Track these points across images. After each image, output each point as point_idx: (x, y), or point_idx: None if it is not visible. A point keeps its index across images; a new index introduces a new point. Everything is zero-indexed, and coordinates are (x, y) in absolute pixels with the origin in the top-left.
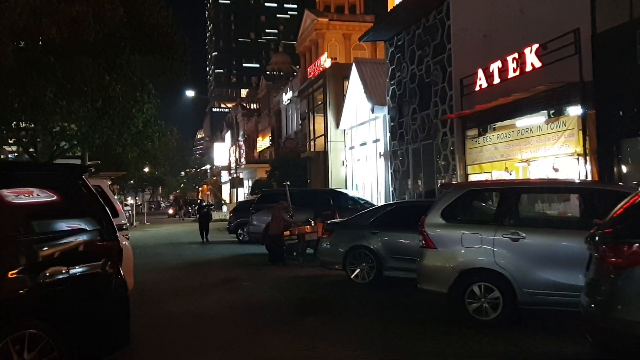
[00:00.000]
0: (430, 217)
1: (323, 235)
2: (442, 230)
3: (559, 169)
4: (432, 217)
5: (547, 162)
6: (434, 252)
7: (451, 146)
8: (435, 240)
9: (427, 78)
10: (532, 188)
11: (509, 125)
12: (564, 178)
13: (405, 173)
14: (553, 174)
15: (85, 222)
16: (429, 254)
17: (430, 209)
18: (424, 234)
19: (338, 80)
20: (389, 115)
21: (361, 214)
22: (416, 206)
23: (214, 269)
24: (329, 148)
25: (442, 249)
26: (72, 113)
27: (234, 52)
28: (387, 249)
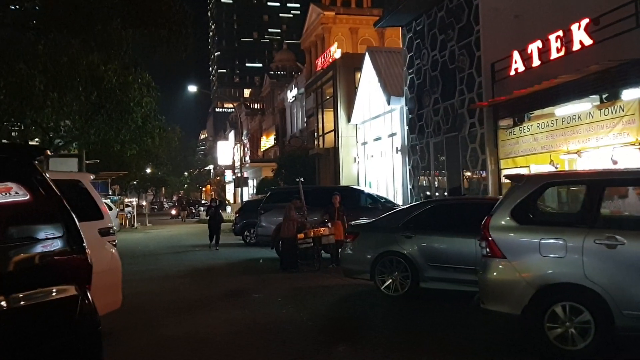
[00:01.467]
0: (496, 217)
1: (346, 240)
2: (513, 235)
3: (617, 161)
4: (499, 217)
5: (601, 153)
6: (503, 263)
7: (480, 138)
8: (504, 247)
9: (452, 64)
10: (632, 179)
11: (550, 113)
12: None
13: (425, 169)
14: (610, 167)
15: (36, 228)
16: (495, 265)
17: (496, 207)
18: (488, 239)
19: (349, 71)
20: (407, 107)
21: (391, 213)
22: (462, 205)
23: (218, 278)
24: (339, 144)
25: (514, 259)
26: (65, 106)
27: (236, 52)
28: (425, 255)
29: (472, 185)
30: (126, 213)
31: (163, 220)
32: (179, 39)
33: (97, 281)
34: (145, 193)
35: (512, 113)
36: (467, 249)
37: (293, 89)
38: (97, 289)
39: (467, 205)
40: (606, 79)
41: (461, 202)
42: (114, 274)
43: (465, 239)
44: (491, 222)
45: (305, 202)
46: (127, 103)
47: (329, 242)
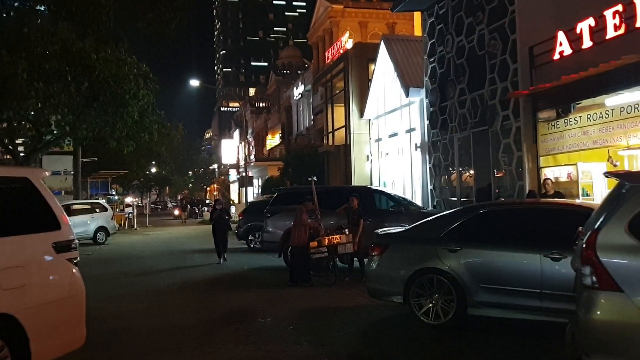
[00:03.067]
0: (607, 233)
1: (373, 253)
2: (633, 258)
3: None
4: (611, 233)
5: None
6: (619, 299)
7: (516, 133)
8: (620, 276)
9: (481, 50)
10: None
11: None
12: None
13: (448, 168)
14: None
15: None
16: (607, 301)
17: (606, 219)
18: (596, 264)
19: (362, 63)
20: (428, 99)
21: (429, 221)
22: (523, 210)
23: (218, 293)
24: (351, 141)
25: (635, 293)
26: (52, 97)
27: (242, 50)
28: (475, 274)
29: (504, 185)
30: (126, 213)
31: (165, 221)
32: (166, 3)
33: (52, 313)
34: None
35: (555, 103)
36: (530, 266)
37: (299, 85)
38: (52, 323)
39: (530, 211)
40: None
41: (522, 207)
42: (74, 303)
43: (528, 253)
44: (599, 240)
45: (318, 205)
46: (123, 95)
47: (347, 251)
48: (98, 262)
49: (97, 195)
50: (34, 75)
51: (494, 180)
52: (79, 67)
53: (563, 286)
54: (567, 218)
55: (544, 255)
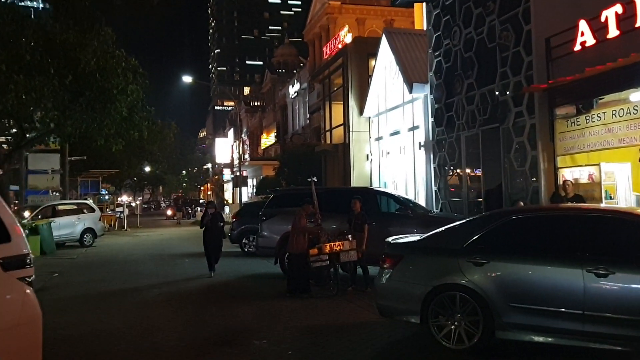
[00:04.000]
0: None
1: (384, 265)
2: None
3: None
4: None
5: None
6: None
7: (530, 130)
8: None
9: (491, 42)
10: None
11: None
12: None
13: (454, 167)
14: None
15: None
16: None
17: None
18: None
19: (362, 58)
20: (433, 95)
21: (450, 228)
22: (560, 218)
23: (207, 306)
24: (350, 139)
25: None
26: (33, 91)
27: (237, 49)
28: (504, 291)
29: (517, 187)
30: (117, 213)
31: (157, 221)
32: None
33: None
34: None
35: (576, 98)
36: (570, 283)
37: (295, 84)
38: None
39: (570, 218)
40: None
41: (560, 213)
42: (27, 333)
43: (568, 268)
44: None
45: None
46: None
47: (350, 259)
48: (81, 267)
49: (86, 195)
50: (13, 68)
51: (505, 182)
52: (62, 59)
53: (610, 307)
54: (614, 227)
55: (587, 271)
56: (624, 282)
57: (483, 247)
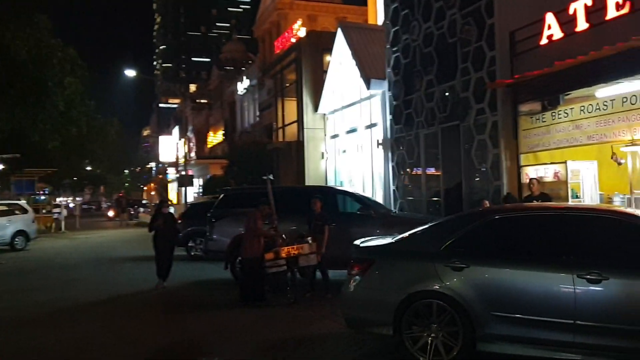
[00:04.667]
0: None
1: (352, 271)
2: None
3: None
4: None
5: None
6: None
7: (492, 128)
8: None
9: (453, 37)
10: None
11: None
12: None
13: (413, 166)
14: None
15: None
16: None
17: None
18: None
19: (316, 53)
20: (391, 92)
21: (426, 229)
22: (547, 217)
23: (153, 318)
24: (304, 137)
25: None
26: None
27: (183, 45)
28: (487, 299)
29: (477, 186)
30: (54, 215)
31: (98, 222)
32: None
33: None
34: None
35: (541, 94)
36: (560, 290)
37: (244, 80)
38: None
39: (559, 218)
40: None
41: (548, 212)
42: None
43: (557, 273)
44: None
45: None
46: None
47: (310, 263)
48: (10, 274)
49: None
50: None
51: (465, 181)
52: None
53: (603, 316)
54: (608, 228)
55: (578, 276)
56: (619, 289)
57: (462, 250)
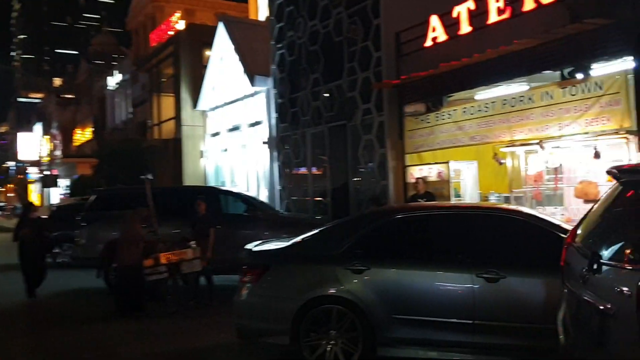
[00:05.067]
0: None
1: (245, 278)
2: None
3: (600, 153)
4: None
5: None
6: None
7: (379, 128)
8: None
9: (339, 36)
10: None
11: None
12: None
13: (299, 166)
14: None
15: None
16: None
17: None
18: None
19: (196, 46)
20: (276, 89)
21: (324, 231)
22: (449, 216)
23: (14, 336)
24: (182, 135)
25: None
26: None
27: (46, 36)
28: (388, 301)
29: (364, 185)
30: None
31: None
32: None
33: None
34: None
35: (425, 96)
36: (460, 290)
37: (116, 75)
38: None
39: (460, 218)
40: (576, 48)
41: (449, 212)
42: None
43: (457, 273)
44: None
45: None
46: None
47: (194, 269)
48: None
49: None
50: None
51: (351, 180)
52: None
53: (501, 315)
54: (504, 227)
55: (477, 276)
56: (514, 287)
57: (363, 252)
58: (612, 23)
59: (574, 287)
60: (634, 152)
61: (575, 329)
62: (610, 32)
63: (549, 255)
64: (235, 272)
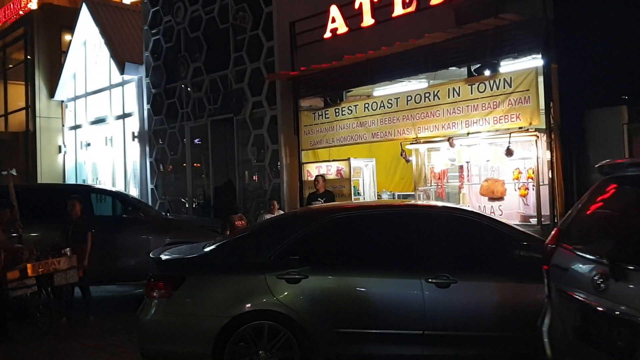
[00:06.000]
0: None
1: (154, 293)
2: None
3: (513, 151)
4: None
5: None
6: None
7: (270, 123)
8: None
9: (224, 23)
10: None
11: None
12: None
13: (177, 162)
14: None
15: None
16: None
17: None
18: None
19: (53, 29)
20: (149, 78)
21: (248, 235)
22: (401, 216)
23: None
24: (36, 127)
25: None
26: None
27: None
28: (329, 314)
29: (253, 184)
30: None
31: None
32: None
33: None
34: None
35: (323, 90)
36: (408, 298)
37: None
38: None
39: (406, 217)
40: (484, 44)
41: (394, 211)
42: None
43: (404, 279)
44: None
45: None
46: None
47: (69, 281)
48: None
49: None
50: None
51: (239, 178)
52: None
53: (452, 324)
54: (454, 227)
55: (426, 281)
56: (466, 292)
57: (297, 258)
58: (520, 20)
59: (581, 295)
60: (542, 150)
61: (581, 343)
62: (519, 29)
63: (502, 257)
64: (112, 282)
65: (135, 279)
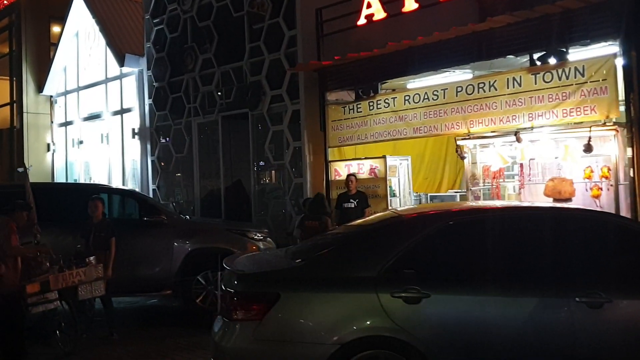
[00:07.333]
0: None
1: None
2: None
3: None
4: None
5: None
6: None
7: (292, 118)
8: None
9: (239, 11)
10: None
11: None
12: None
13: (184, 162)
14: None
15: None
16: None
17: None
18: None
19: (42, 20)
20: (151, 71)
21: (348, 243)
22: (538, 220)
23: None
24: (23, 123)
25: None
26: None
27: None
28: (460, 341)
29: (271, 183)
30: None
31: None
32: None
33: None
34: None
35: (354, 81)
36: (554, 321)
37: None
38: None
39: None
40: (550, 29)
41: (521, 213)
42: None
43: (548, 298)
44: None
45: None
46: None
47: (95, 294)
48: None
49: None
50: None
51: (254, 177)
52: None
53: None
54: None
55: (575, 300)
56: (622, 314)
57: (414, 273)
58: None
59: None
60: (621, 145)
61: None
62: (592, 12)
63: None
64: (131, 294)
65: (156, 290)
